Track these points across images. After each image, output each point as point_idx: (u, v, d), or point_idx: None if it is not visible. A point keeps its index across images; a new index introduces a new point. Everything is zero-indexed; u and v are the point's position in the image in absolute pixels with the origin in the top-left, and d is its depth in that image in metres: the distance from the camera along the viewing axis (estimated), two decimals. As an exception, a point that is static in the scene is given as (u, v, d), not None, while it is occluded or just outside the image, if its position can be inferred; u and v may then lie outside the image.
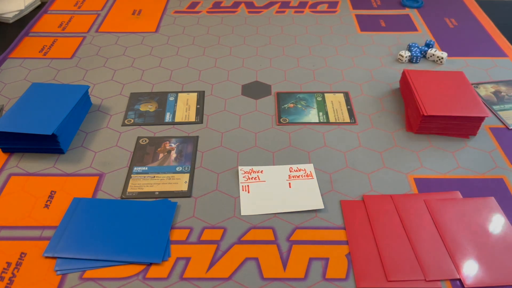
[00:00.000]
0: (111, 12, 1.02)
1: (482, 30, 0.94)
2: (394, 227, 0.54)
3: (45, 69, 0.83)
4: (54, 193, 0.58)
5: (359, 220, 0.55)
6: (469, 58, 0.86)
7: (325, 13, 1.01)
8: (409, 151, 0.65)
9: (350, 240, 0.52)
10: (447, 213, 0.55)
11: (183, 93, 0.77)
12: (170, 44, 0.90)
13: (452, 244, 0.51)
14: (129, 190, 0.59)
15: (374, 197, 0.58)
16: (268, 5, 1.05)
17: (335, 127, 0.69)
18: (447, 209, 0.56)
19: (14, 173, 0.62)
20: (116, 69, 0.83)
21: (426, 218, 0.55)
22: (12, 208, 0.57)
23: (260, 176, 0.61)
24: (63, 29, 0.95)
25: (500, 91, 0.76)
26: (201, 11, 1.02)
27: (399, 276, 0.49)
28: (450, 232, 0.53)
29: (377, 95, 0.76)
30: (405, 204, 0.56)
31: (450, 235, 0.52)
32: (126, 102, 0.75)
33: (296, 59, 0.86)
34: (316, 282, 0.48)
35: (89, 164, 0.63)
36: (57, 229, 0.53)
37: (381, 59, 0.85)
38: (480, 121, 0.66)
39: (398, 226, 0.54)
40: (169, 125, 0.70)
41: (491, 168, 0.62)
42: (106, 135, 0.68)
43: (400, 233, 0.53)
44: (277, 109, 0.73)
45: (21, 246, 0.52)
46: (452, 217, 0.54)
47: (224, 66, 0.84)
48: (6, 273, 0.49)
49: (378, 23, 0.97)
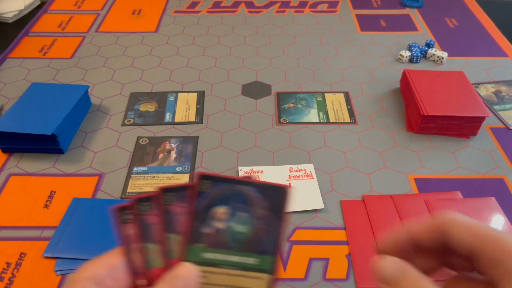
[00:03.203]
0: (111, 12, 1.01)
1: (483, 30, 0.94)
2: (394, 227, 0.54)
3: (45, 69, 0.83)
4: (54, 193, 0.58)
5: (359, 220, 0.55)
6: (470, 58, 0.85)
7: (325, 13, 1.01)
8: (410, 151, 0.65)
9: (351, 240, 0.52)
10: None
11: (183, 93, 0.76)
12: (170, 44, 0.90)
13: (453, 244, 0.51)
14: (129, 190, 0.59)
15: (374, 197, 0.58)
16: (268, 5, 1.05)
17: (335, 127, 0.69)
18: (447, 209, 0.55)
19: (13, 173, 0.62)
20: (116, 69, 0.83)
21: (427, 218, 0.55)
22: (12, 208, 0.57)
23: (260, 176, 0.61)
24: (63, 29, 0.95)
25: (501, 91, 0.76)
26: (201, 11, 1.02)
27: None
28: None
29: (378, 95, 0.76)
30: (406, 204, 0.56)
31: None
32: (126, 102, 0.75)
33: (296, 59, 0.86)
34: (316, 283, 0.48)
35: (89, 164, 0.63)
36: (57, 229, 0.53)
37: (381, 59, 0.85)
38: (481, 121, 0.65)
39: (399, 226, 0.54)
40: (169, 125, 0.70)
41: (491, 168, 0.62)
42: (106, 135, 0.68)
43: None
44: (277, 109, 0.73)
45: (20, 246, 0.52)
46: None
47: (224, 66, 0.84)
48: (6, 273, 0.49)
49: (378, 23, 0.97)
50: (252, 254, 0.35)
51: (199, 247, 0.34)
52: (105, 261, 0.32)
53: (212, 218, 0.34)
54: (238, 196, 0.35)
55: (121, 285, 0.32)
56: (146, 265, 0.34)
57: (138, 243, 0.34)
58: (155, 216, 0.34)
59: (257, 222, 0.35)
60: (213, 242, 0.34)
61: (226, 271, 0.34)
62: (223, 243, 0.34)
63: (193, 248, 0.34)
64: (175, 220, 0.34)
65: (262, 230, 0.35)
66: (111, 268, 0.32)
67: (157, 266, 0.34)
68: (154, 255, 0.34)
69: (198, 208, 0.34)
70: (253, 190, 0.35)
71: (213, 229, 0.34)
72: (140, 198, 0.34)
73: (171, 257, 0.34)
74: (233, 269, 0.35)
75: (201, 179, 0.34)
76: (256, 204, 0.35)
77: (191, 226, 0.34)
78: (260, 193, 0.35)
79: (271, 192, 0.35)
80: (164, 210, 0.34)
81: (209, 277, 0.34)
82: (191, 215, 0.34)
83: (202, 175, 0.34)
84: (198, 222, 0.34)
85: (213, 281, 0.34)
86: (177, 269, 0.32)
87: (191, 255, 0.34)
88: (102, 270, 0.31)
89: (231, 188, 0.35)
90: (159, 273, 0.33)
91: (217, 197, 0.35)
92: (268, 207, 0.35)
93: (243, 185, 0.35)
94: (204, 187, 0.34)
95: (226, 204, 0.35)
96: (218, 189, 0.34)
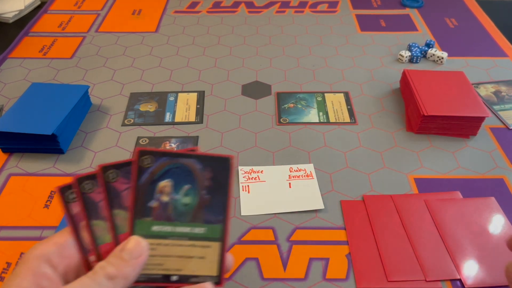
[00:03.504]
0: (111, 12, 1.02)
1: (483, 30, 0.94)
2: (394, 227, 0.54)
3: (45, 69, 0.83)
4: (54, 193, 0.58)
5: (359, 220, 0.55)
6: (470, 58, 0.86)
7: (325, 13, 1.01)
8: (410, 151, 0.65)
9: (350, 240, 0.52)
10: (447, 213, 0.55)
11: (183, 93, 0.76)
12: (170, 44, 0.90)
13: (453, 244, 0.51)
14: (129, 190, 0.59)
15: (374, 197, 0.58)
16: (268, 5, 1.05)
17: (335, 127, 0.69)
18: (447, 209, 0.55)
19: (13, 173, 0.62)
20: (116, 69, 0.83)
21: (427, 218, 0.55)
22: (12, 208, 0.57)
23: (260, 176, 0.61)
24: (63, 29, 0.95)
25: (501, 91, 0.76)
26: (201, 11, 1.02)
27: (399, 276, 0.48)
28: (450, 232, 0.53)
29: (377, 95, 0.76)
30: (405, 204, 0.56)
31: (450, 235, 0.52)
32: (126, 102, 0.75)
33: (296, 59, 0.86)
34: (316, 283, 0.48)
35: (89, 164, 0.63)
36: (57, 230, 0.53)
37: (381, 59, 0.85)
38: (481, 121, 0.65)
39: (398, 226, 0.54)
40: (169, 125, 0.70)
41: (491, 168, 0.62)
42: (106, 135, 0.68)
43: (400, 233, 0.53)
44: (277, 109, 0.73)
45: (20, 246, 0.52)
46: (452, 217, 0.54)
47: (224, 66, 0.84)
48: (6, 273, 0.49)
49: (378, 23, 0.97)
50: (199, 224, 0.35)
51: (147, 221, 0.34)
52: (54, 240, 0.33)
53: (157, 192, 0.34)
54: (181, 169, 0.35)
55: (70, 263, 0.33)
56: (95, 241, 0.34)
57: (85, 221, 0.34)
58: (99, 194, 0.34)
59: (202, 193, 0.35)
60: (160, 215, 0.35)
61: (175, 242, 0.35)
62: (169, 215, 0.35)
63: (140, 222, 0.34)
64: (120, 196, 0.34)
65: (207, 200, 0.35)
66: (60, 247, 0.33)
67: (106, 242, 0.34)
68: (102, 231, 0.34)
69: (142, 183, 0.34)
70: (195, 162, 0.35)
71: (159, 203, 0.34)
72: (81, 177, 0.35)
73: (119, 232, 0.34)
74: (182, 240, 0.35)
75: (141, 155, 0.34)
76: (200, 175, 0.35)
77: (137, 201, 0.34)
78: (203, 165, 0.35)
79: (214, 163, 0.35)
80: (107, 187, 0.34)
81: (159, 249, 0.34)
82: (135, 190, 0.34)
83: (140, 151, 0.34)
84: (143, 197, 0.34)
85: (164, 253, 0.34)
86: (125, 242, 0.33)
87: (139, 229, 0.34)
88: (51, 248, 0.32)
89: (173, 162, 0.35)
90: (108, 248, 0.34)
91: (160, 171, 0.35)
92: (211, 178, 0.35)
93: (185, 158, 0.35)
94: (145, 163, 0.34)
95: (170, 177, 0.35)
96: (160, 163, 0.34)
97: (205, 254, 0.35)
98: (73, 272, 0.33)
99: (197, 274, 0.35)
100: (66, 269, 0.32)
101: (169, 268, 0.34)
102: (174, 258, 0.35)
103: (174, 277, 0.35)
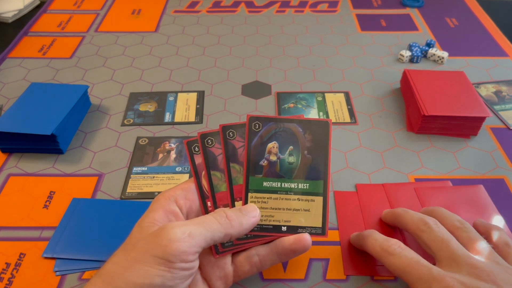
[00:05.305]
0: (110, 11, 1.01)
1: (483, 30, 0.94)
2: None
3: (44, 69, 0.82)
4: (53, 194, 0.58)
5: (351, 209, 0.56)
6: (470, 57, 0.85)
7: (325, 13, 1.01)
8: (410, 151, 0.65)
9: (341, 229, 0.53)
10: (436, 201, 0.56)
11: (183, 93, 0.76)
12: (170, 44, 0.90)
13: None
14: (129, 191, 0.59)
15: (366, 186, 0.59)
16: (268, 4, 1.04)
17: (336, 127, 0.69)
18: (436, 197, 0.56)
19: (13, 173, 0.61)
20: (115, 69, 0.83)
21: (416, 205, 0.55)
22: (11, 209, 0.56)
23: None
24: (62, 28, 0.95)
25: (501, 91, 0.76)
26: (201, 11, 1.02)
27: None
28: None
29: (378, 95, 0.76)
30: (396, 193, 0.57)
31: None
32: (125, 102, 0.75)
33: (296, 59, 0.85)
34: (316, 283, 0.48)
35: (88, 164, 0.63)
36: (56, 230, 0.53)
37: (381, 59, 0.85)
38: (481, 121, 0.65)
39: None
40: (168, 125, 0.70)
41: (492, 168, 0.62)
42: (106, 135, 0.68)
43: None
44: (277, 109, 0.73)
45: (20, 246, 0.52)
46: (441, 204, 0.55)
47: (224, 66, 0.84)
48: (5, 273, 0.49)
49: (378, 23, 0.97)
50: (303, 181, 0.41)
51: (258, 178, 0.40)
52: (181, 186, 0.41)
53: (266, 152, 0.41)
54: (285, 132, 0.41)
55: (192, 205, 0.40)
56: (212, 189, 0.40)
57: (205, 171, 0.40)
58: (218, 149, 0.41)
59: (304, 153, 0.41)
60: (269, 172, 0.41)
61: (283, 196, 0.41)
62: (277, 173, 0.41)
63: (253, 179, 0.40)
64: (237, 152, 0.41)
65: (309, 159, 0.41)
66: (185, 190, 0.40)
67: (221, 190, 0.40)
68: (219, 181, 0.41)
69: (253, 144, 0.41)
70: (297, 126, 0.41)
71: (268, 162, 0.41)
72: (204, 133, 0.41)
73: (234, 183, 0.40)
74: (289, 194, 0.41)
75: (251, 121, 0.41)
76: (301, 137, 0.41)
77: (249, 160, 0.41)
78: (304, 128, 0.41)
79: (314, 127, 0.42)
80: (226, 143, 0.41)
81: (270, 202, 0.40)
82: (248, 151, 0.41)
83: (251, 117, 0.41)
84: (255, 157, 0.41)
85: (274, 205, 0.40)
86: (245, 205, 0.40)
87: (252, 184, 0.40)
88: (178, 191, 0.40)
89: (278, 126, 0.41)
90: (223, 196, 0.40)
91: (268, 134, 0.41)
92: (312, 140, 0.41)
93: (288, 123, 0.41)
94: (255, 127, 0.41)
95: (276, 139, 0.41)
96: (267, 127, 0.41)
97: (310, 207, 0.41)
98: (194, 214, 0.40)
99: (304, 225, 0.41)
100: (188, 210, 0.40)
101: (279, 219, 0.40)
102: (283, 211, 0.40)
103: (284, 228, 0.40)
